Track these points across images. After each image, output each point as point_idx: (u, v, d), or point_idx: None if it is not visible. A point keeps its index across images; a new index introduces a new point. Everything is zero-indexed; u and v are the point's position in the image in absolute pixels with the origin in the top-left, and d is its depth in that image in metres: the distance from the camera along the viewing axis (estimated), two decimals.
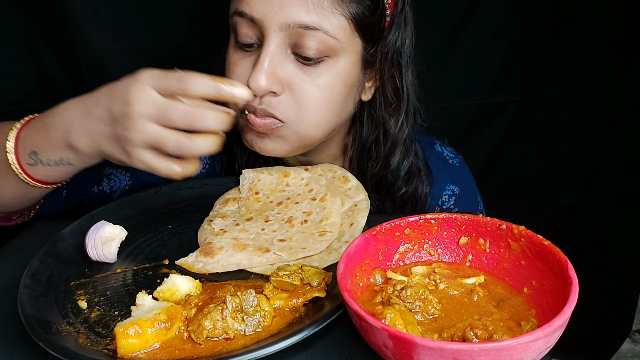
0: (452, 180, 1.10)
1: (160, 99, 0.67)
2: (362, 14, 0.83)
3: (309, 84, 0.84)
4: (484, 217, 0.66)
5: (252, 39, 0.84)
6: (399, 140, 0.98)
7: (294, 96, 0.84)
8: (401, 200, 1.02)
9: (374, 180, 1.01)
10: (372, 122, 0.98)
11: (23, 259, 0.74)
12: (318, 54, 0.82)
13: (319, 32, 0.80)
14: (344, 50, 0.84)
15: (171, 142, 0.68)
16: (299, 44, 0.81)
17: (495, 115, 1.50)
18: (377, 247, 0.66)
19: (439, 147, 1.12)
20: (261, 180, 0.90)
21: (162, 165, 0.70)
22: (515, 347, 0.46)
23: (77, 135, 0.72)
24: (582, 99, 1.41)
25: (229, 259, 0.75)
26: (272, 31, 0.80)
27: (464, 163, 1.14)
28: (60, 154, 0.75)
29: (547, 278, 0.58)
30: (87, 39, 1.24)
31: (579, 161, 1.48)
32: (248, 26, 0.83)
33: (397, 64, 0.93)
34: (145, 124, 0.67)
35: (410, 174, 1.01)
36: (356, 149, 1.01)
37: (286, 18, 0.79)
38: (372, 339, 0.52)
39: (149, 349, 0.58)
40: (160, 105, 0.67)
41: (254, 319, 0.61)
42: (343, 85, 0.87)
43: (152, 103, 0.67)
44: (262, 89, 0.81)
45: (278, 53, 0.82)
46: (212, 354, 0.57)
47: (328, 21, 0.80)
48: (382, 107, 0.96)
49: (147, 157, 0.70)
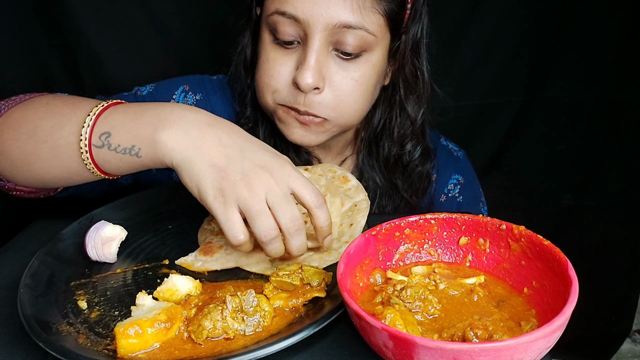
0: (456, 171, 1.15)
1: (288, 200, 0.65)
2: (394, 10, 0.88)
3: (347, 79, 0.89)
4: (484, 217, 0.66)
5: (293, 36, 0.87)
6: (417, 123, 1.02)
7: (334, 92, 0.89)
8: (416, 179, 1.07)
9: (391, 162, 1.05)
10: (387, 105, 1.02)
11: (23, 258, 0.74)
12: (357, 49, 0.87)
13: (360, 31, 0.85)
14: (378, 45, 0.90)
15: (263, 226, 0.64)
16: (341, 41, 0.86)
17: (497, 116, 1.50)
18: (377, 247, 0.66)
19: (444, 141, 1.18)
20: None
21: (237, 228, 0.64)
22: (515, 347, 0.46)
23: (175, 133, 0.66)
24: (583, 99, 1.41)
25: (228, 256, 0.75)
26: (317, 31, 0.84)
27: (467, 157, 1.19)
28: (135, 141, 0.68)
29: (547, 278, 0.58)
30: (87, 39, 1.24)
31: (579, 161, 1.49)
32: (290, 25, 0.86)
33: (417, 52, 0.97)
34: (260, 199, 0.64)
35: (424, 154, 1.06)
36: (367, 130, 1.05)
37: (332, 19, 0.83)
38: (372, 339, 0.52)
39: (149, 349, 0.58)
40: (290, 208, 0.65)
41: (254, 319, 0.61)
42: (375, 76, 0.93)
43: (283, 197, 0.65)
44: (310, 86, 0.86)
45: (322, 51, 0.86)
46: (212, 354, 0.57)
47: (369, 19, 0.85)
48: (402, 92, 1.00)
49: (232, 212, 0.64)
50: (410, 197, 1.07)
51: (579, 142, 1.46)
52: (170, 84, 1.04)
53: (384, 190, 1.06)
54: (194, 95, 1.04)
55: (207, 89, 1.05)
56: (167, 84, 1.04)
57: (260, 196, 0.64)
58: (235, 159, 0.65)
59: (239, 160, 0.65)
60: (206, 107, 0.97)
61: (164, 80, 1.05)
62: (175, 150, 0.66)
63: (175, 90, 1.03)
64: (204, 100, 1.04)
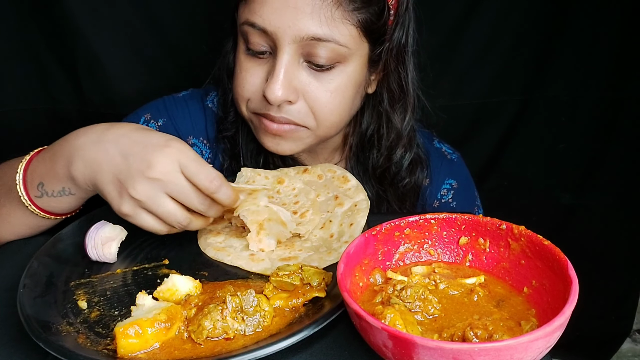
0: (450, 175, 1.13)
1: (183, 184, 0.69)
2: (370, 20, 0.85)
3: (322, 90, 0.87)
4: (483, 217, 0.66)
5: (264, 47, 0.86)
6: (403, 133, 1.00)
7: (308, 103, 0.88)
8: (404, 190, 1.05)
9: (378, 172, 1.03)
10: (374, 114, 1.00)
11: (22, 259, 0.75)
12: (329, 61, 0.85)
13: (330, 43, 0.83)
14: (353, 55, 0.87)
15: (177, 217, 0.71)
16: (312, 53, 0.84)
17: (496, 115, 1.50)
18: (377, 247, 0.66)
19: (437, 144, 1.15)
20: (256, 181, 0.90)
21: (150, 222, 0.72)
22: (515, 347, 0.46)
23: (77, 163, 0.72)
24: (582, 99, 1.41)
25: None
26: (285, 43, 0.83)
27: (462, 159, 1.16)
28: (62, 183, 0.75)
29: (547, 278, 0.58)
30: (86, 39, 1.24)
31: (579, 161, 1.48)
32: (260, 36, 0.85)
33: (401, 60, 0.95)
34: (158, 194, 0.69)
35: (413, 164, 1.04)
36: (356, 137, 1.04)
37: (299, 31, 0.81)
38: (372, 339, 0.52)
39: (149, 349, 0.58)
40: (183, 189, 0.69)
41: (254, 319, 0.61)
42: (352, 87, 0.90)
43: (175, 183, 0.69)
44: (280, 99, 0.85)
45: (292, 63, 0.84)
46: (212, 354, 0.57)
47: (339, 32, 0.83)
48: (387, 102, 0.98)
49: (139, 212, 0.71)
50: (400, 209, 1.05)
51: (578, 141, 1.46)
52: (132, 118, 1.05)
53: (373, 200, 1.03)
54: (156, 122, 1.03)
55: (170, 111, 1.05)
56: (130, 119, 1.05)
57: (160, 195, 0.69)
58: (122, 171, 0.70)
59: (125, 171, 0.69)
60: (171, 130, 1.02)
61: (129, 115, 1.06)
62: (85, 178, 0.73)
63: (137, 121, 1.03)
64: (167, 124, 1.04)
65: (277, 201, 0.86)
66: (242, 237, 0.80)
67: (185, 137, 1.04)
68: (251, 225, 0.76)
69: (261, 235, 0.76)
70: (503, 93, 1.46)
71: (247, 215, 0.74)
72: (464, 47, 1.41)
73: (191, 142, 1.05)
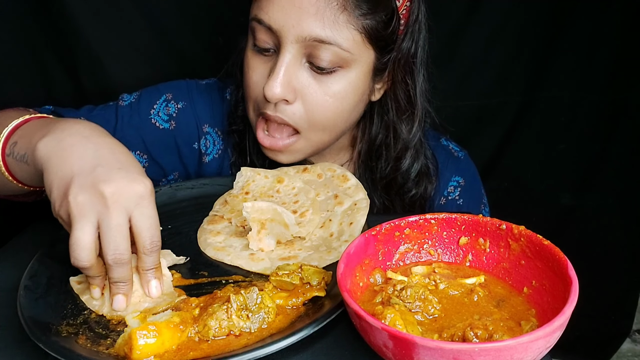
0: (457, 172, 1.12)
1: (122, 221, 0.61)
2: (376, 27, 0.85)
3: (321, 94, 0.87)
4: (483, 217, 0.66)
5: (269, 44, 0.86)
6: (410, 144, 0.99)
7: (305, 105, 0.88)
8: (411, 201, 1.04)
9: (384, 182, 1.03)
10: (381, 123, 1.00)
11: (22, 260, 0.74)
12: (331, 65, 0.85)
13: (333, 46, 0.83)
14: (356, 62, 0.87)
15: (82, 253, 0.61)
16: (314, 54, 0.84)
17: (496, 116, 1.50)
18: (377, 247, 0.66)
19: (444, 141, 1.15)
20: (255, 181, 0.90)
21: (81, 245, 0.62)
22: (515, 347, 0.46)
23: (52, 139, 0.67)
24: (582, 99, 1.41)
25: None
26: (288, 42, 0.83)
27: (469, 157, 1.16)
28: (26, 149, 0.71)
29: (547, 278, 0.58)
30: (87, 39, 1.24)
31: (579, 161, 1.48)
32: (266, 33, 0.85)
33: (409, 70, 0.94)
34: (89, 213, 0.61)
35: (420, 175, 1.03)
36: (365, 144, 1.03)
37: (302, 31, 0.82)
38: (372, 339, 0.52)
39: (164, 351, 0.57)
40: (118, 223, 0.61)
41: (258, 316, 0.61)
42: (353, 94, 0.90)
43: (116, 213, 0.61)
44: (277, 97, 0.85)
45: (293, 63, 0.85)
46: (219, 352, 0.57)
47: (342, 36, 0.83)
48: (394, 112, 0.97)
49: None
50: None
51: (578, 141, 1.46)
52: (153, 93, 1.03)
53: (380, 209, 1.03)
54: (176, 104, 1.02)
55: (192, 95, 1.04)
56: (151, 93, 1.03)
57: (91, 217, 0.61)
58: (83, 174, 0.63)
59: (85, 175, 0.62)
60: (189, 114, 1.01)
61: (150, 87, 1.04)
62: (42, 154, 0.66)
63: (157, 99, 1.02)
64: (186, 108, 1.03)
65: (277, 200, 0.86)
66: (242, 237, 0.80)
67: (202, 124, 1.03)
68: (253, 222, 0.76)
69: (262, 235, 0.76)
70: (503, 94, 1.46)
71: (251, 212, 0.74)
72: (464, 48, 1.41)
73: (206, 130, 1.04)
